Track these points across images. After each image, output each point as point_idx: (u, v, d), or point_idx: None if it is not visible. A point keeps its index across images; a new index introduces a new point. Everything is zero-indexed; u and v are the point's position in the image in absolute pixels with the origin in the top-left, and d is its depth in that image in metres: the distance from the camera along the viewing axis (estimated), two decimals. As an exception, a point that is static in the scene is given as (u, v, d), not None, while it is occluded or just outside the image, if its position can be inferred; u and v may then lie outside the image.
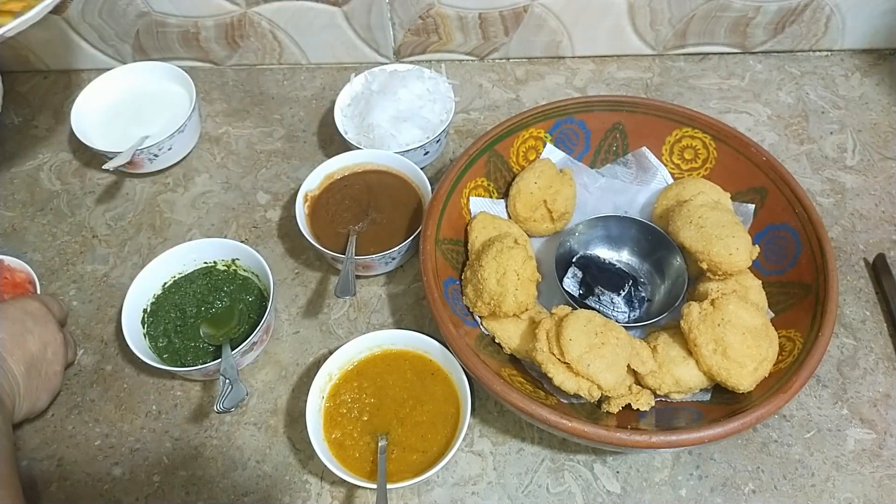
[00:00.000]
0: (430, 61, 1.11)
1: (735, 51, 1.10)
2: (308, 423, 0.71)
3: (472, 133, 1.03)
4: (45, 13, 0.79)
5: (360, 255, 0.82)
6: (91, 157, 1.03)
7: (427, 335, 0.76)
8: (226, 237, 0.93)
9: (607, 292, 0.81)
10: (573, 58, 1.11)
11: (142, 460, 0.76)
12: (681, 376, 0.70)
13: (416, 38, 1.08)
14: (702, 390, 0.72)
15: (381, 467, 0.68)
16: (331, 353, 0.75)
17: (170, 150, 0.97)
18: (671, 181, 0.88)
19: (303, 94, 1.10)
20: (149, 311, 0.82)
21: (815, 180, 0.95)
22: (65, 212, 0.98)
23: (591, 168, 0.91)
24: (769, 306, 0.77)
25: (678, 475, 0.73)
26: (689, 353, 0.71)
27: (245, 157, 1.03)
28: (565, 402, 0.72)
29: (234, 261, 0.85)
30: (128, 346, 0.76)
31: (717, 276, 0.75)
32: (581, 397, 0.69)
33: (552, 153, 0.89)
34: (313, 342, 0.84)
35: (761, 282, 0.78)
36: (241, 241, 0.85)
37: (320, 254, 0.85)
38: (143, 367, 0.82)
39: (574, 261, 0.84)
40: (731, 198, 0.83)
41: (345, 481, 0.69)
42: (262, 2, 1.04)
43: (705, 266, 0.75)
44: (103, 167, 0.92)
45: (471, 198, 0.85)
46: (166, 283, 0.84)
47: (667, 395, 0.72)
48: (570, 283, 0.82)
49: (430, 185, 0.88)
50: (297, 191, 0.88)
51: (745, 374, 0.68)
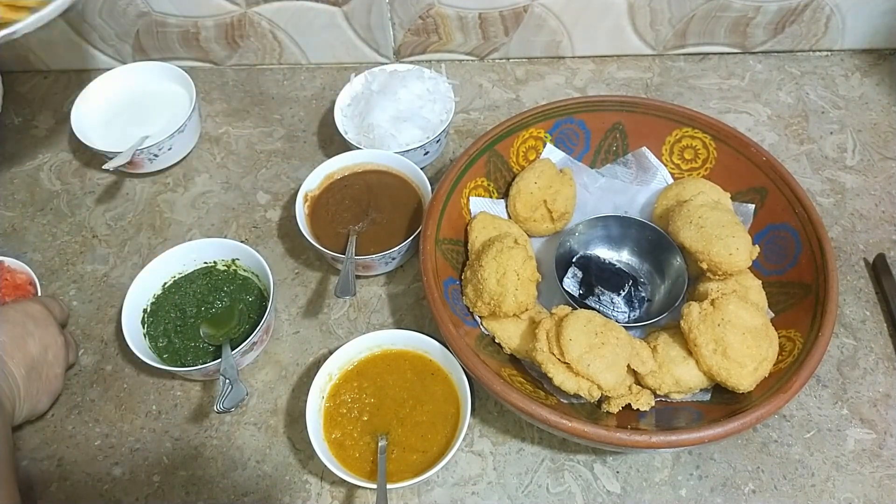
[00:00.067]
0: (430, 61, 1.11)
1: (735, 51, 1.10)
2: (308, 423, 0.71)
3: (472, 133, 1.03)
4: (63, 10, 0.77)
5: (360, 255, 0.82)
6: (91, 157, 1.03)
7: (427, 335, 0.76)
8: (226, 237, 0.93)
9: (607, 292, 0.81)
10: (573, 58, 1.11)
11: (142, 460, 0.76)
12: (681, 376, 0.70)
13: (416, 38, 1.08)
14: (702, 390, 0.72)
15: (381, 467, 0.68)
16: (331, 353, 0.75)
17: (170, 150, 0.97)
18: (671, 181, 0.88)
19: (303, 94, 1.10)
20: (149, 311, 0.82)
21: (815, 180, 0.95)
22: (65, 212, 0.98)
23: (591, 168, 0.91)
24: (769, 306, 0.77)
25: (678, 475, 0.73)
26: (689, 353, 0.71)
27: (245, 157, 1.03)
28: (565, 402, 0.72)
29: (234, 261, 0.85)
30: (128, 346, 0.76)
31: (717, 276, 0.75)
32: (581, 397, 0.69)
33: (552, 153, 0.89)
34: (313, 342, 0.84)
35: (761, 282, 0.78)
36: (241, 241, 0.85)
37: (320, 254, 0.85)
38: (143, 367, 0.82)
39: (574, 261, 0.84)
40: (731, 198, 0.83)
41: (345, 481, 0.69)
42: (262, 2, 1.04)
43: (705, 266, 0.75)
44: (103, 167, 0.92)
45: (471, 198, 0.85)
46: (166, 283, 0.84)
47: (667, 395, 0.72)
48: (570, 283, 0.82)
49: (430, 185, 0.88)
50: (297, 191, 0.88)
51: (745, 374, 0.68)
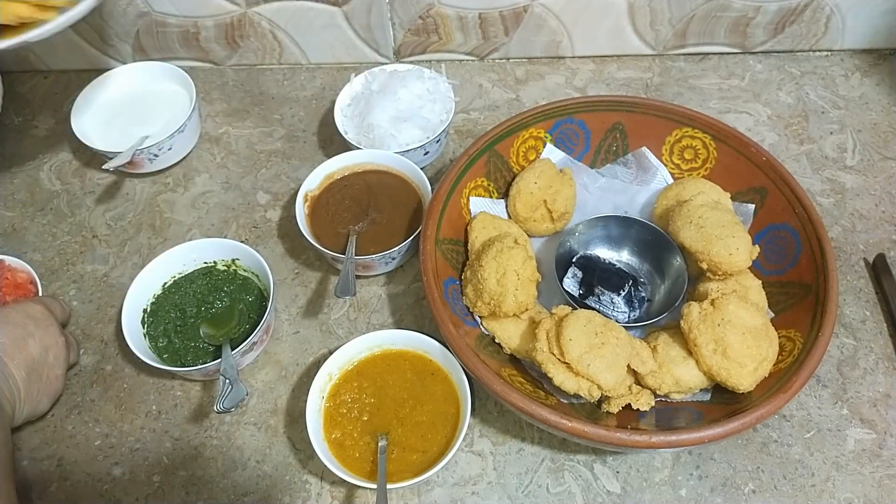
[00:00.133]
0: (430, 61, 1.11)
1: (735, 51, 1.10)
2: (308, 423, 0.71)
3: (472, 133, 1.03)
4: (90, 10, 0.78)
5: (360, 255, 0.82)
6: (91, 157, 1.03)
7: (427, 335, 0.76)
8: (226, 237, 0.93)
9: (607, 292, 0.81)
10: (573, 58, 1.11)
11: (142, 460, 0.76)
12: (681, 376, 0.70)
13: (416, 38, 1.08)
14: (702, 390, 0.72)
15: (381, 467, 0.68)
16: (331, 353, 0.75)
17: (170, 150, 0.97)
18: (671, 181, 0.88)
19: (303, 94, 1.10)
20: (149, 311, 0.82)
21: (815, 180, 0.95)
22: (65, 212, 0.98)
23: (591, 168, 0.91)
24: (769, 306, 0.77)
25: (678, 475, 0.73)
26: (689, 353, 0.71)
27: (245, 157, 1.03)
28: (565, 402, 0.72)
29: (234, 261, 0.85)
30: (128, 346, 0.76)
31: (717, 276, 0.75)
32: (581, 397, 0.69)
33: (552, 153, 0.89)
34: (313, 342, 0.84)
35: (761, 282, 0.78)
36: (241, 241, 0.85)
37: (320, 254, 0.85)
38: (143, 367, 0.82)
39: (574, 261, 0.84)
40: (731, 198, 0.83)
41: (345, 481, 0.69)
42: (262, 2, 1.04)
43: (705, 266, 0.75)
44: (103, 167, 0.92)
45: (471, 198, 0.85)
46: (166, 283, 0.84)
47: (667, 395, 0.72)
48: (570, 283, 0.82)
49: (430, 185, 0.88)
50: (297, 191, 0.88)
51: (745, 374, 0.68)
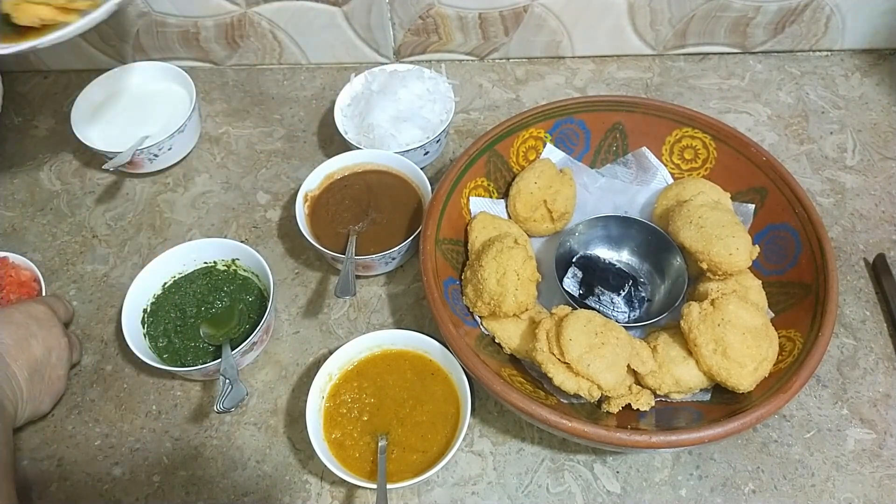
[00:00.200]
0: (430, 61, 1.11)
1: (735, 51, 1.10)
2: (308, 423, 0.71)
3: (472, 133, 1.03)
4: (111, 13, 0.78)
5: (360, 255, 0.82)
6: (91, 157, 1.03)
7: (427, 335, 0.76)
8: (226, 237, 0.93)
9: (607, 292, 0.81)
10: (573, 58, 1.11)
11: (142, 460, 0.76)
12: (681, 376, 0.70)
13: (416, 38, 1.08)
14: (702, 390, 0.72)
15: (381, 467, 0.68)
16: (331, 353, 0.75)
17: (170, 150, 0.97)
18: (671, 181, 0.88)
19: (303, 94, 1.10)
20: (149, 311, 0.82)
21: (815, 180, 0.95)
22: (65, 212, 0.98)
23: (591, 168, 0.91)
24: (769, 306, 0.77)
25: (678, 475, 0.73)
26: (689, 353, 0.71)
27: (245, 157, 1.03)
28: (565, 402, 0.72)
29: (234, 261, 0.85)
30: (128, 346, 0.76)
31: (717, 276, 0.75)
32: (581, 397, 0.69)
33: (552, 153, 0.89)
34: (313, 342, 0.84)
35: (761, 282, 0.78)
36: (241, 241, 0.85)
37: (320, 254, 0.85)
38: (143, 367, 0.82)
39: (574, 261, 0.84)
40: (731, 198, 0.83)
41: (345, 481, 0.69)
42: (262, 2, 1.04)
43: (705, 266, 0.75)
44: (103, 167, 0.92)
45: (471, 198, 0.85)
46: (166, 283, 0.84)
47: (667, 395, 0.72)
48: (570, 283, 0.82)
49: (430, 185, 0.88)
50: (297, 191, 0.88)
51: (745, 374, 0.68)
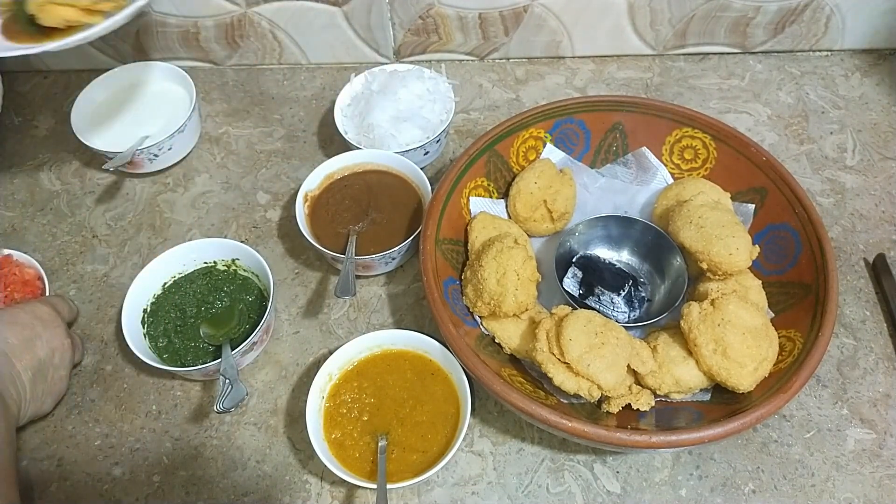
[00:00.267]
0: (430, 61, 1.11)
1: (735, 51, 1.10)
2: (308, 423, 0.71)
3: (472, 133, 1.03)
4: (135, 14, 0.79)
5: (360, 255, 0.82)
6: (91, 157, 1.03)
7: (427, 335, 0.76)
8: (226, 237, 0.93)
9: (607, 292, 0.81)
10: (573, 58, 1.11)
11: (142, 460, 0.76)
12: (681, 376, 0.70)
13: (416, 38, 1.08)
14: (702, 390, 0.72)
15: (381, 467, 0.68)
16: (331, 353, 0.75)
17: (170, 150, 0.97)
18: (671, 181, 0.88)
19: (303, 94, 1.10)
20: (149, 311, 0.82)
21: (815, 180, 0.95)
22: (65, 212, 0.98)
23: (591, 168, 0.91)
24: (769, 306, 0.77)
25: (678, 475, 0.73)
26: (689, 353, 0.71)
27: (245, 157, 1.03)
28: (565, 402, 0.72)
29: (234, 261, 0.85)
30: (128, 346, 0.76)
31: (717, 276, 0.75)
32: (581, 397, 0.69)
33: (552, 153, 0.89)
34: (313, 342, 0.84)
35: (761, 282, 0.78)
36: (241, 241, 0.85)
37: (320, 254, 0.85)
38: (143, 367, 0.82)
39: (574, 261, 0.84)
40: (731, 198, 0.83)
41: (345, 481, 0.69)
42: (262, 2, 1.04)
43: (705, 266, 0.75)
44: (103, 167, 0.92)
45: (471, 198, 0.85)
46: (166, 283, 0.84)
47: (667, 395, 0.72)
48: (570, 283, 0.82)
49: (430, 185, 0.88)
50: (297, 191, 0.88)
51: (745, 374, 0.68)
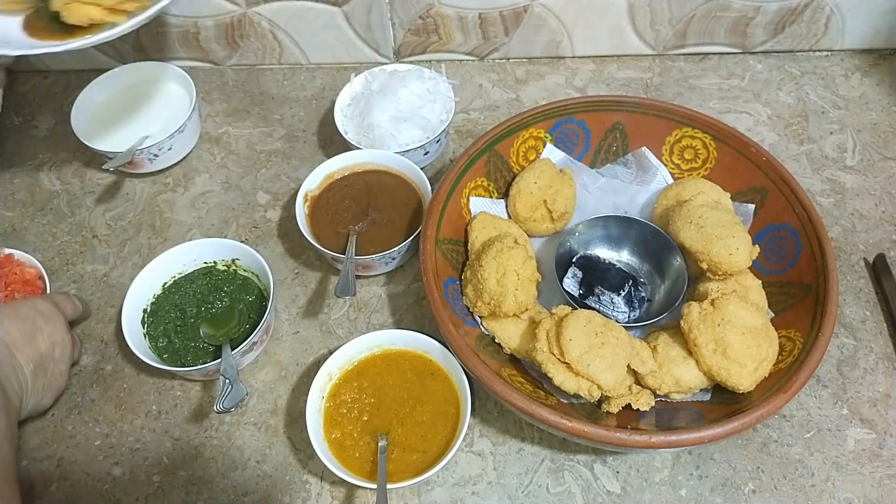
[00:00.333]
0: (430, 61, 1.11)
1: (735, 51, 1.10)
2: (308, 423, 0.71)
3: (472, 133, 1.03)
4: (157, 13, 0.79)
5: (360, 255, 0.82)
6: (91, 157, 1.03)
7: (427, 335, 0.76)
8: (226, 237, 0.93)
9: (607, 292, 0.81)
10: (573, 58, 1.11)
11: (142, 460, 0.76)
12: (681, 376, 0.70)
13: (416, 38, 1.08)
14: (702, 390, 0.72)
15: (381, 467, 0.68)
16: (331, 353, 0.75)
17: (170, 150, 0.97)
18: (671, 181, 0.88)
19: (303, 94, 1.10)
20: (149, 311, 0.82)
21: (815, 180, 0.95)
22: (65, 212, 0.98)
23: (591, 168, 0.91)
24: (769, 306, 0.77)
25: (678, 475, 0.73)
26: (689, 353, 0.71)
27: (245, 157, 1.03)
28: (565, 402, 0.72)
29: (234, 261, 0.85)
30: (128, 346, 0.76)
31: (717, 276, 0.75)
32: (581, 397, 0.69)
33: (552, 153, 0.89)
34: (313, 342, 0.84)
35: (761, 282, 0.78)
36: (241, 241, 0.85)
37: (320, 254, 0.85)
38: (143, 367, 0.82)
39: (574, 261, 0.84)
40: (731, 198, 0.83)
41: (345, 481, 0.69)
42: (262, 2, 1.04)
43: (705, 266, 0.75)
44: (103, 167, 0.92)
45: (471, 198, 0.85)
46: (166, 283, 0.84)
47: (667, 395, 0.72)
48: (570, 283, 0.82)
49: (430, 185, 0.88)
50: (297, 191, 0.88)
51: (745, 374, 0.68)
